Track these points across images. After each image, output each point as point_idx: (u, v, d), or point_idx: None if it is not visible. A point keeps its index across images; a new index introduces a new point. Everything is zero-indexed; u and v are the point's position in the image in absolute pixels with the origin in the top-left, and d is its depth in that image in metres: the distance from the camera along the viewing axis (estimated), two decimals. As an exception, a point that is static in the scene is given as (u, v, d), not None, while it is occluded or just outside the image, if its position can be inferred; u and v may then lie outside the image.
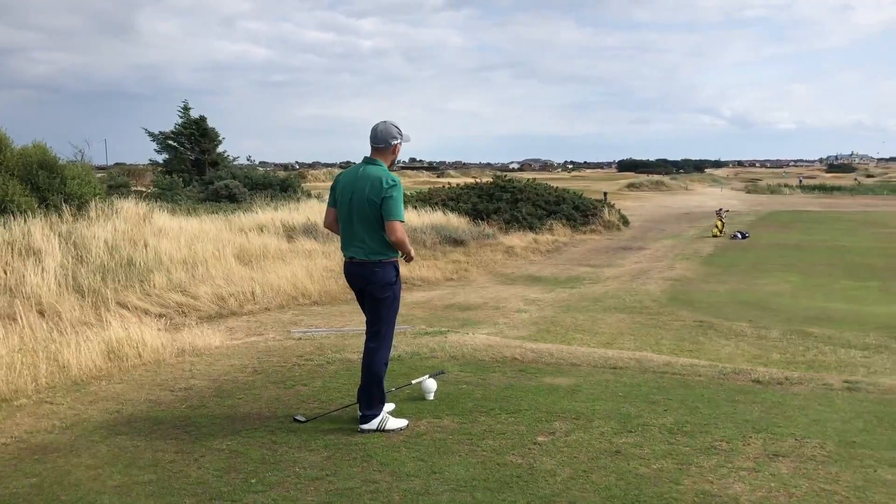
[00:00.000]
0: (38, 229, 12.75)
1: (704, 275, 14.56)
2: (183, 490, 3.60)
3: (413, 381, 5.25)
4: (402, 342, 6.68)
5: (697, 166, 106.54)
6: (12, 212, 13.37)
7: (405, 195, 23.53)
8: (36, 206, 14.33)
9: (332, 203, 4.65)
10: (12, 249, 12.18)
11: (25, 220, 12.90)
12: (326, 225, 4.75)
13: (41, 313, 10.32)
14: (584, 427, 4.53)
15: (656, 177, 64.73)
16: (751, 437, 4.36)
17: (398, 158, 4.74)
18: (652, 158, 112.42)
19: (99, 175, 31.74)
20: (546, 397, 5.12)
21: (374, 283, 4.49)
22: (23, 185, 14.71)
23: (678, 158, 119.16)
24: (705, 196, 47.68)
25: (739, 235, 21.27)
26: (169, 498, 3.53)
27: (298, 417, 4.67)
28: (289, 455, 4.08)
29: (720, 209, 23.87)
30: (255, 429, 4.48)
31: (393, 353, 6.34)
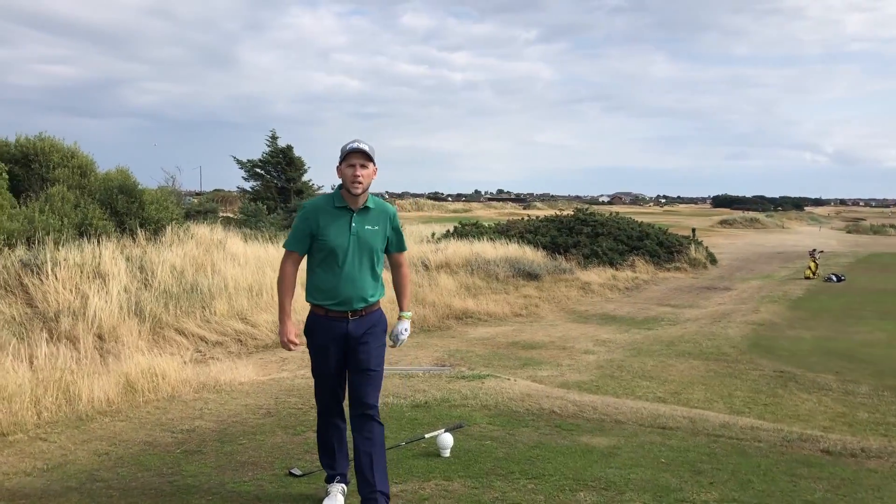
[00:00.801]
0: (108, 252, 12.92)
1: (791, 320, 13.51)
2: (137, 554, 3.22)
3: (427, 436, 4.77)
4: (434, 386, 6.21)
5: (797, 204, 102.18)
6: (90, 235, 13.63)
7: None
8: (113, 229, 14.58)
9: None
10: (82, 272, 12.35)
11: (99, 244, 13.10)
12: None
13: (100, 336, 10.35)
14: (613, 500, 3.94)
15: (751, 213, 62.27)
16: (809, 525, 3.69)
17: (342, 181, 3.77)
18: (748, 195, 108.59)
19: (194, 200, 32.67)
20: (577, 461, 4.54)
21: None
22: (102, 209, 15.03)
23: (776, 195, 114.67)
24: (802, 235, 45.39)
25: (834, 278, 19.86)
26: (119, 563, 3.15)
27: (294, 471, 4.25)
28: (269, 517, 3.66)
29: (814, 250, 22.45)
30: (244, 482, 4.09)
31: (420, 398, 5.89)
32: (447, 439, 4.60)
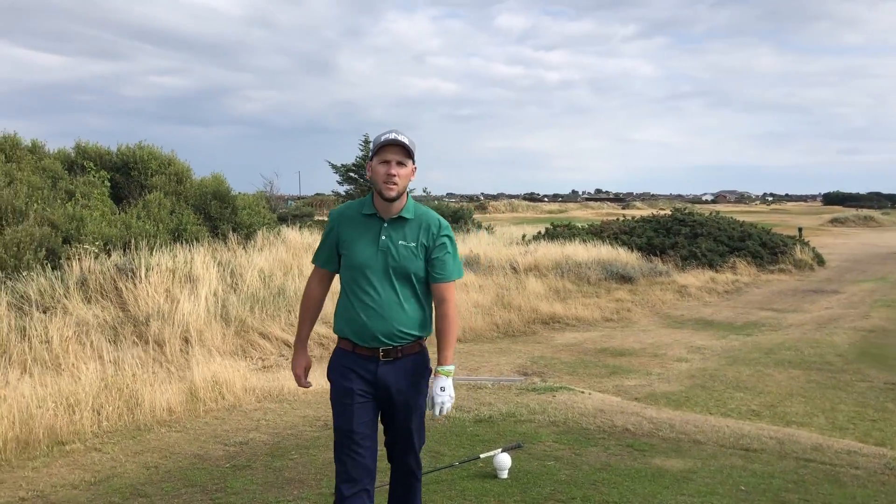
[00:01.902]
0: (199, 257, 13.21)
1: (907, 327, 12.51)
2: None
3: (482, 456, 4.49)
4: (501, 399, 5.92)
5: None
6: (183, 240, 13.99)
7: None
8: (206, 234, 14.94)
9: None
10: (174, 276, 12.67)
11: (191, 248, 13.42)
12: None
13: (186, 340, 10.55)
14: (681, 534, 3.57)
15: (866, 211, 58.78)
16: (909, 571, 3.22)
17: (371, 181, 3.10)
18: (862, 191, 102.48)
19: (292, 204, 33.43)
20: (646, 486, 4.17)
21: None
22: (196, 215, 15.43)
23: (894, 191, 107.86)
24: (923, 234, 42.52)
25: (960, 280, 18.38)
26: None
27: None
28: (310, 540, 3.48)
29: (937, 249, 20.85)
30: (287, 501, 3.93)
31: (485, 412, 5.61)
32: (504, 460, 4.32)
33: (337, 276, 3.15)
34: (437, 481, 4.23)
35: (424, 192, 35.35)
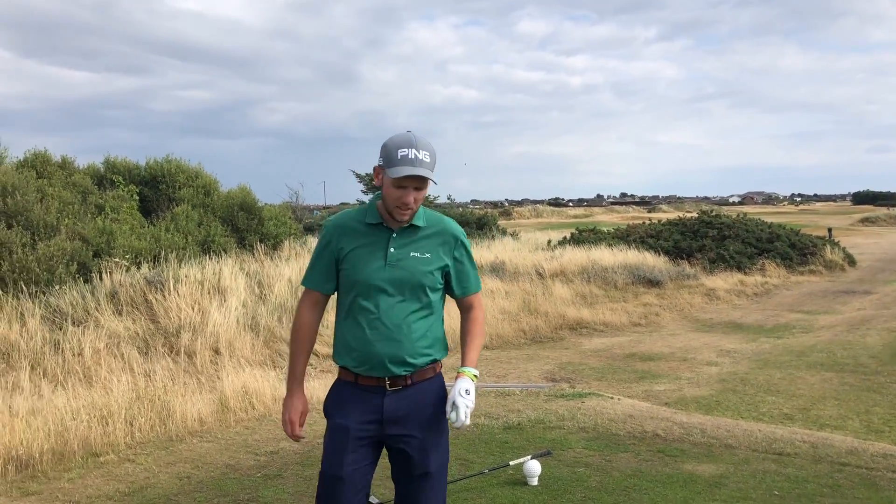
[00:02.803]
0: (228, 269, 13.33)
1: (943, 327, 12.29)
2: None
3: (512, 463, 4.49)
4: (530, 406, 5.90)
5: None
6: (211, 252, 14.15)
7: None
8: (234, 245, 15.09)
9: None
10: (202, 287, 12.80)
11: (219, 260, 13.55)
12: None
13: (216, 351, 10.65)
14: (714, 540, 3.54)
15: (897, 210, 57.90)
16: (949, 576, 3.16)
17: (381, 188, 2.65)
18: (894, 189, 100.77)
19: (318, 213, 33.65)
20: (678, 492, 4.14)
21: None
22: (224, 226, 15.58)
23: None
24: (958, 231, 41.74)
25: None
26: None
27: (372, 500, 4.07)
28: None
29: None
30: (319, 510, 3.95)
31: (514, 419, 5.60)
32: (534, 467, 4.31)
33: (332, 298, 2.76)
34: (466, 489, 4.23)
35: (449, 198, 35.38)
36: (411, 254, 2.57)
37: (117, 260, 12.13)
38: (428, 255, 2.59)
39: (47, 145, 23.10)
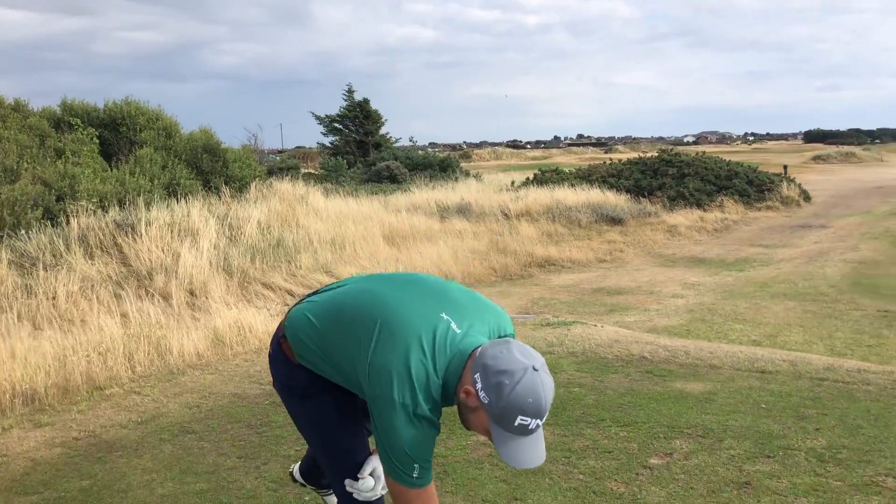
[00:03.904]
0: (196, 211, 13.21)
1: (895, 256, 12.79)
2: (230, 504, 3.26)
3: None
4: (519, 334, 6.06)
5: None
6: (177, 194, 13.97)
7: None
8: (199, 188, 14.91)
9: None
10: (171, 230, 12.69)
11: (187, 203, 13.41)
12: None
13: (191, 292, 10.63)
14: (711, 448, 3.77)
15: (847, 148, 59.07)
16: (927, 472, 3.43)
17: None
18: (843, 128, 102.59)
19: (277, 158, 33.22)
20: (671, 407, 4.37)
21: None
22: (188, 169, 15.37)
23: (874, 128, 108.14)
24: (905, 168, 42.92)
25: (944, 211, 18.71)
26: (211, 513, 3.19)
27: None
28: (358, 466, 3.64)
29: (920, 181, 21.12)
30: (332, 432, 4.09)
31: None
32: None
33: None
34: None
35: (411, 141, 35.17)
36: None
37: (83, 203, 11.93)
38: None
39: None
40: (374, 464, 2.28)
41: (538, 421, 1.87)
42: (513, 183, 22.06)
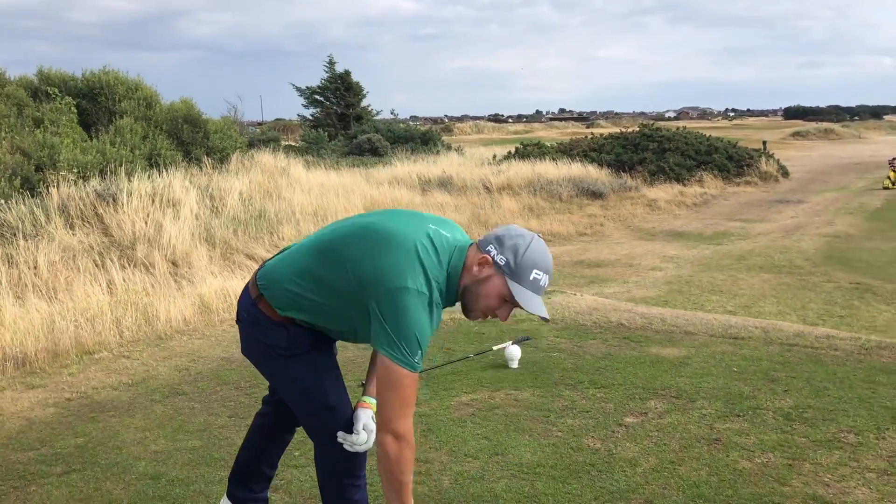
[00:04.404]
0: (178, 182, 13.19)
1: (868, 231, 13.06)
2: (220, 460, 3.38)
3: (495, 348, 4.81)
4: (501, 302, 6.22)
5: (875, 113, 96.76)
6: (158, 165, 13.93)
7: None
8: (180, 159, 14.86)
9: None
10: (153, 201, 12.68)
11: (168, 173, 13.38)
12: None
13: (173, 263, 10.67)
14: (684, 408, 3.93)
15: (825, 124, 59.60)
16: (888, 429, 3.61)
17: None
18: (823, 105, 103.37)
19: (257, 129, 33.01)
20: (646, 370, 4.53)
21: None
22: (169, 140, 15.30)
23: (853, 105, 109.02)
24: (880, 145, 43.26)
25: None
26: (204, 468, 3.31)
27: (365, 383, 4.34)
28: (344, 425, 3.77)
29: (893, 159, 21.41)
30: (318, 393, 4.21)
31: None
32: (515, 351, 4.64)
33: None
34: (453, 372, 4.54)
35: (392, 113, 35.06)
36: None
37: (63, 174, 11.88)
38: None
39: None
40: (364, 419, 2.40)
41: (547, 277, 2.21)
42: (494, 157, 22.13)
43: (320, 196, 14.44)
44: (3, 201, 10.53)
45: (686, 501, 2.97)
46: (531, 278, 2.19)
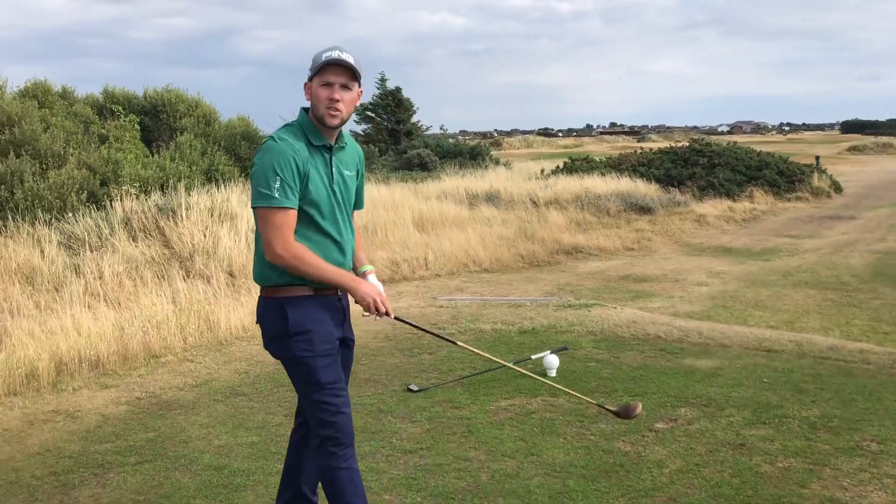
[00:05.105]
0: (235, 196, 13.71)
1: (922, 248, 12.91)
2: (277, 454, 3.68)
3: (533, 357, 5.05)
4: (541, 315, 6.46)
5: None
6: (216, 180, 14.48)
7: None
8: (237, 174, 15.41)
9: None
10: (211, 214, 13.20)
11: (225, 188, 13.91)
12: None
13: (230, 273, 11.12)
14: (712, 415, 4.11)
15: (885, 138, 58.17)
16: (911, 439, 3.74)
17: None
18: (882, 118, 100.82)
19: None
20: (679, 380, 4.72)
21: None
22: (227, 156, 15.88)
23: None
24: (943, 160, 42.32)
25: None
26: (262, 461, 3.62)
27: (412, 387, 4.63)
28: (390, 425, 4.06)
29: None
30: (367, 395, 4.51)
31: (528, 325, 6.14)
32: (553, 360, 4.87)
33: None
34: (493, 379, 4.80)
35: (442, 129, 35.49)
36: (345, 172, 2.74)
37: (126, 188, 12.45)
38: (353, 174, 2.79)
39: (29, 75, 22.97)
40: (373, 279, 2.89)
41: (337, 51, 2.61)
42: (542, 171, 22.31)
43: (370, 210, 14.81)
44: (70, 215, 11.12)
45: (707, 500, 3.17)
46: (323, 57, 2.61)
